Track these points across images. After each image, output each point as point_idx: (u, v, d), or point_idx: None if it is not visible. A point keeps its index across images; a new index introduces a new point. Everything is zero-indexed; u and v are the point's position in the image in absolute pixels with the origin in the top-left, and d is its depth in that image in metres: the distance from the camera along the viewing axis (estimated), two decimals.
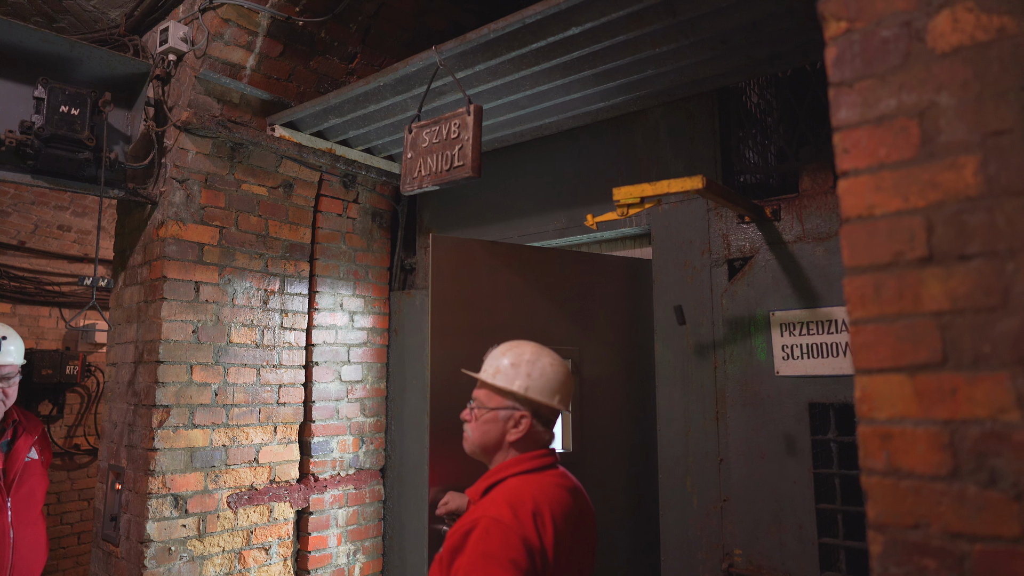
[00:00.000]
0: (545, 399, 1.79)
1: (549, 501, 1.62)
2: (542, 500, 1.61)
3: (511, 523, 1.53)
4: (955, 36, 1.00)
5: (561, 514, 1.63)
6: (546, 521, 1.57)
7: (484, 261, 2.77)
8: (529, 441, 1.79)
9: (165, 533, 3.02)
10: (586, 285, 3.03)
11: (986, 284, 0.95)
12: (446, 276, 2.66)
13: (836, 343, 2.46)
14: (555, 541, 1.57)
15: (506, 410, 1.79)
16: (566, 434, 2.92)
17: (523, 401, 1.79)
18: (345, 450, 3.80)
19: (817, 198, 2.57)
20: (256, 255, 3.47)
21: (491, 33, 2.48)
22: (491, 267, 2.78)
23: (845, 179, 1.09)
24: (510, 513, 1.55)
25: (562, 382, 1.83)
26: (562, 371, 1.84)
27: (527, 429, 1.78)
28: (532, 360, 1.82)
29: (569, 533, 1.63)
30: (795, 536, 2.48)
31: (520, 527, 1.53)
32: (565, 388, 1.84)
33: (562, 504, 1.65)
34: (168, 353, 3.10)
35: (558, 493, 1.68)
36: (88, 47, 2.94)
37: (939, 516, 0.96)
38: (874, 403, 1.03)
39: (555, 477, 1.74)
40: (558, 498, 1.66)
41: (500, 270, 2.79)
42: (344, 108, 3.21)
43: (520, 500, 1.59)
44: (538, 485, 1.67)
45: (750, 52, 2.53)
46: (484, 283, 2.75)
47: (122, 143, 3.21)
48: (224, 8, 3.03)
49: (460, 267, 2.70)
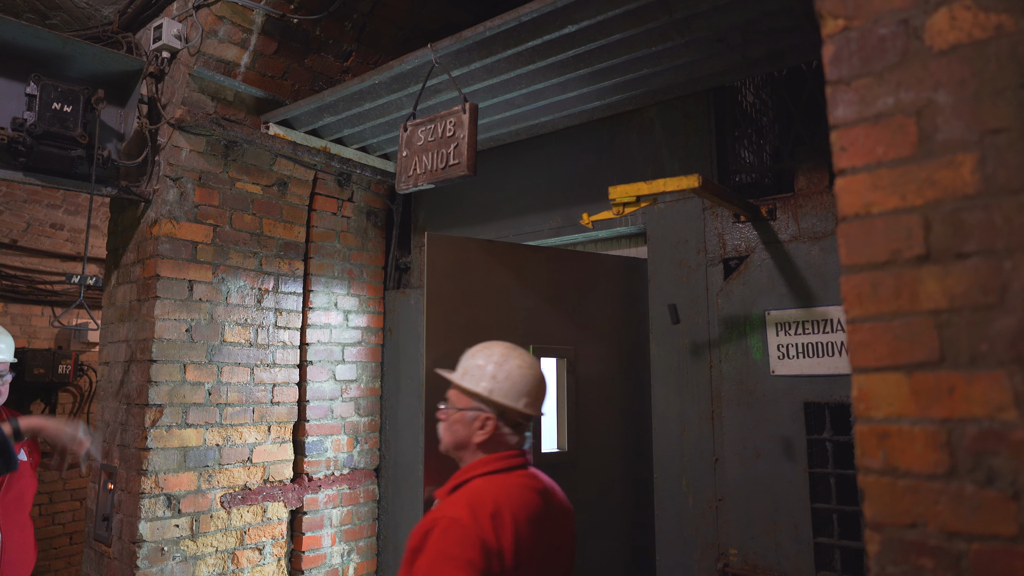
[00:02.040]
0: (510, 402, 1.76)
1: (511, 502, 1.62)
2: (504, 501, 1.61)
3: (469, 524, 1.53)
4: (953, 34, 1.00)
5: (525, 515, 1.62)
6: (506, 522, 1.57)
7: (480, 260, 2.76)
8: (496, 443, 1.77)
9: (158, 533, 3.00)
10: (582, 284, 3.03)
11: (983, 282, 0.95)
12: (442, 275, 2.65)
13: (832, 342, 2.46)
14: (515, 542, 1.56)
15: (473, 411, 1.77)
16: (561, 434, 2.91)
17: (488, 403, 1.77)
18: (339, 450, 3.79)
19: (813, 197, 2.57)
20: (250, 254, 3.45)
21: (487, 31, 2.48)
22: (487, 266, 2.77)
23: (842, 177, 1.09)
24: (468, 514, 1.55)
25: (531, 385, 1.79)
26: (531, 374, 1.81)
27: (492, 431, 1.76)
28: (500, 362, 1.80)
29: (533, 534, 1.62)
30: (791, 536, 2.48)
31: (478, 528, 1.53)
32: (534, 391, 1.80)
33: (527, 505, 1.64)
34: (161, 352, 3.08)
35: (523, 494, 1.67)
36: (81, 44, 2.92)
37: (936, 515, 0.95)
38: (871, 402, 1.03)
39: (522, 478, 1.72)
40: (523, 499, 1.65)
41: (496, 269, 2.79)
42: (339, 106, 3.20)
43: (480, 501, 1.59)
44: (502, 486, 1.66)
45: (746, 51, 2.53)
46: (480, 282, 2.74)
47: (115, 141, 3.19)
48: (218, 5, 3.01)
49: (456, 265, 2.69)
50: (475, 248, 2.75)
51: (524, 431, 1.80)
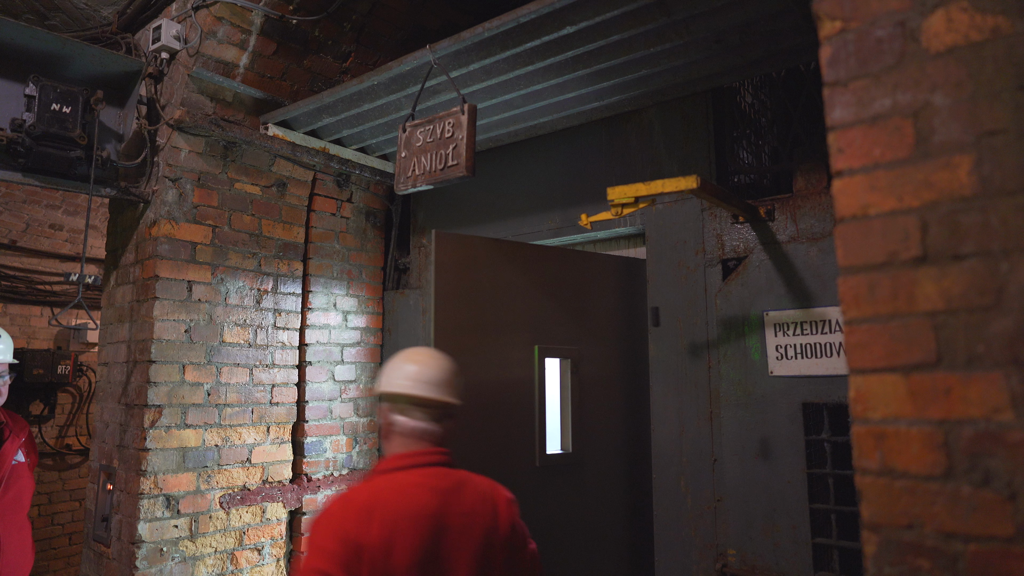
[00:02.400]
0: (394, 388, 1.76)
1: (390, 501, 1.62)
2: (381, 499, 1.62)
3: (336, 517, 1.59)
4: (949, 36, 1.00)
5: (404, 514, 1.61)
6: (375, 519, 1.58)
7: (486, 258, 2.74)
8: (400, 441, 1.76)
9: (157, 534, 3.00)
10: (585, 284, 3.02)
11: (980, 284, 0.95)
12: (450, 272, 2.62)
13: (830, 343, 2.46)
14: (387, 539, 1.57)
15: (381, 412, 1.80)
16: (565, 435, 2.90)
17: (382, 397, 1.79)
18: (339, 450, 3.79)
19: (811, 198, 2.57)
20: (249, 254, 3.45)
21: (485, 32, 2.48)
22: (493, 264, 2.76)
23: (840, 179, 1.09)
24: (339, 508, 1.61)
25: (416, 369, 1.77)
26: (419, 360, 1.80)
27: (388, 424, 1.77)
28: (397, 363, 1.80)
29: (415, 533, 1.60)
30: (789, 536, 2.49)
31: (343, 521, 1.58)
32: (416, 374, 1.76)
33: (409, 505, 1.63)
34: (160, 353, 3.08)
35: (412, 493, 1.65)
36: (80, 45, 2.92)
37: (933, 516, 0.95)
38: (868, 403, 1.03)
39: (419, 477, 1.69)
40: (407, 498, 1.64)
41: (501, 267, 2.77)
42: (338, 107, 3.20)
43: (353, 498, 1.63)
44: (388, 485, 1.67)
45: (744, 52, 2.53)
46: (486, 280, 2.73)
47: (114, 141, 3.19)
48: (217, 6, 3.01)
49: (463, 263, 2.67)
50: (481, 246, 2.74)
51: (428, 420, 1.76)
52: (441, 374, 1.80)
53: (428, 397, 1.76)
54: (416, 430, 1.75)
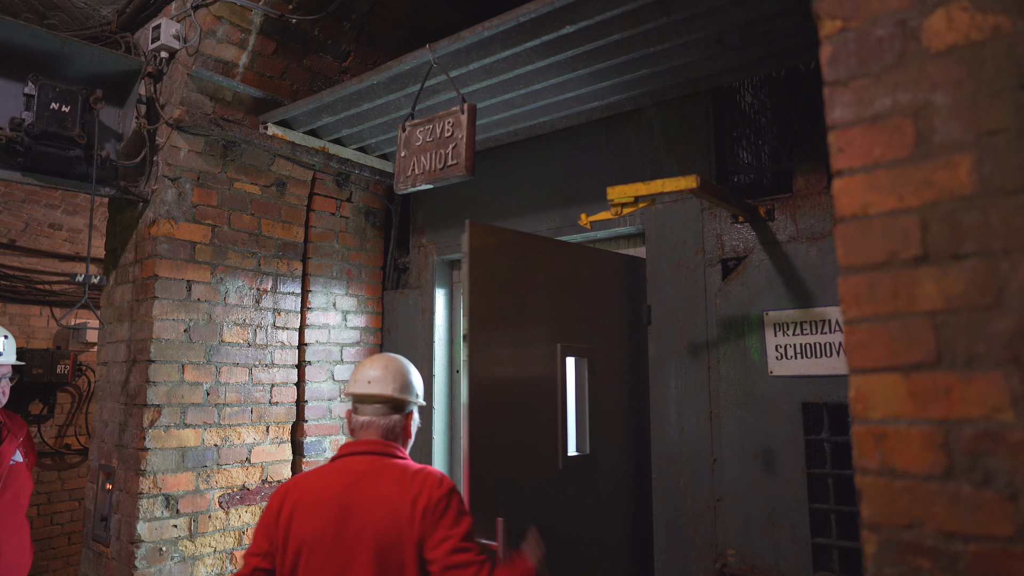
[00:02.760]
0: (348, 389, 2.04)
1: (306, 484, 1.89)
2: (301, 482, 1.90)
3: (271, 497, 1.93)
4: (950, 35, 1.00)
5: (309, 497, 1.85)
6: (288, 500, 1.87)
7: (513, 250, 2.63)
8: (351, 433, 2.03)
9: (156, 533, 3.00)
10: (598, 281, 2.94)
11: (981, 283, 0.95)
12: (483, 261, 2.48)
13: (830, 343, 2.46)
14: (287, 517, 1.84)
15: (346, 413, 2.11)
16: (582, 437, 2.81)
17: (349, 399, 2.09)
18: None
19: (811, 198, 2.57)
20: (249, 254, 3.45)
21: (485, 31, 2.48)
22: (520, 256, 2.65)
23: (840, 178, 1.09)
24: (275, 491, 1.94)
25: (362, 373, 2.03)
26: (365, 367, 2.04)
27: (348, 425, 2.06)
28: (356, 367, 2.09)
29: (312, 512, 1.81)
30: (788, 536, 2.48)
31: (272, 500, 1.91)
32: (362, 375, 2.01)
33: (317, 489, 1.86)
34: (159, 352, 3.08)
35: (326, 478, 1.88)
36: (79, 44, 2.92)
37: (933, 516, 0.95)
38: (868, 403, 1.03)
39: (342, 463, 1.91)
40: (320, 483, 1.88)
41: (527, 260, 2.68)
42: (337, 106, 3.19)
43: (285, 482, 1.95)
44: (315, 471, 1.94)
45: (744, 52, 2.53)
46: (513, 272, 2.61)
47: (113, 141, 3.19)
48: (217, 5, 3.01)
49: (494, 253, 2.55)
50: (509, 237, 2.62)
51: (372, 414, 1.98)
52: (382, 372, 2.00)
53: (366, 393, 1.98)
54: (360, 423, 1.99)
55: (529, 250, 2.71)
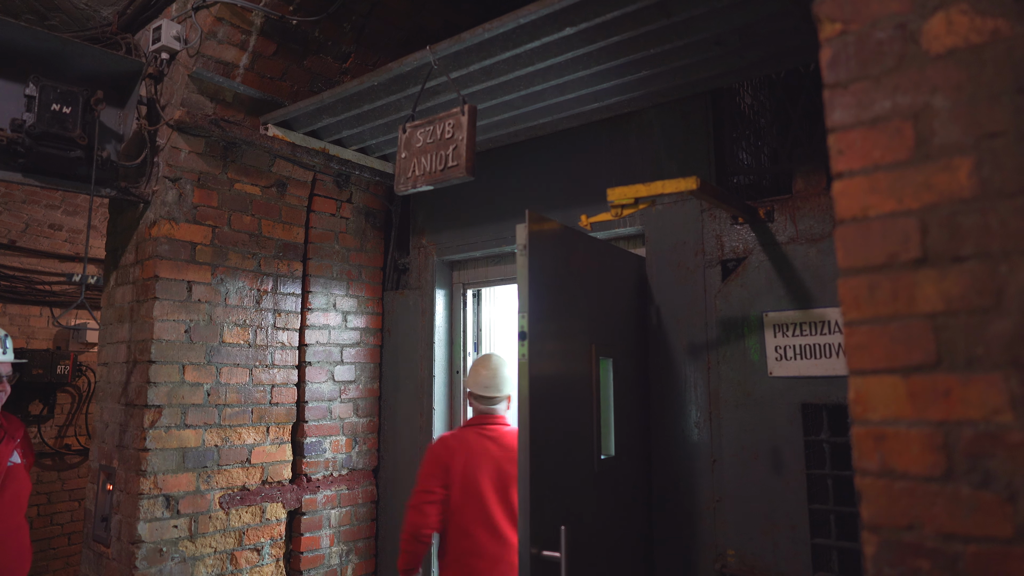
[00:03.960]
0: (468, 387, 3.08)
1: (462, 440, 2.94)
2: (460, 438, 2.96)
3: (437, 449, 2.96)
4: (949, 38, 1.01)
5: (466, 448, 2.91)
6: (452, 447, 2.91)
7: (560, 244, 2.51)
8: (474, 411, 3.07)
9: (156, 534, 3.00)
10: (620, 281, 2.88)
11: (980, 285, 0.95)
12: (539, 252, 2.35)
13: (829, 344, 2.47)
14: (457, 459, 2.88)
15: (467, 396, 3.15)
16: (607, 439, 2.71)
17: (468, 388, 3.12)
18: (338, 450, 3.79)
19: (811, 199, 2.58)
20: (249, 255, 3.45)
21: (485, 33, 2.48)
22: (563, 251, 2.53)
23: (840, 180, 1.09)
24: (440, 444, 2.97)
25: (476, 376, 3.06)
26: (478, 370, 3.07)
27: (471, 403, 3.09)
28: (473, 367, 3.12)
29: (468, 456, 2.88)
30: (788, 536, 2.49)
31: (441, 451, 2.93)
32: (475, 381, 3.05)
33: (470, 442, 2.92)
34: (160, 353, 3.08)
35: (472, 437, 2.94)
36: (80, 45, 2.92)
37: (933, 517, 0.96)
38: (868, 404, 1.03)
39: (478, 429, 2.97)
40: (471, 439, 2.94)
41: (568, 256, 2.56)
42: (338, 107, 3.20)
43: (445, 438, 2.98)
44: (464, 431, 2.99)
45: (744, 53, 2.54)
46: (558, 267, 2.50)
47: (114, 142, 3.19)
48: (217, 7, 3.01)
49: (547, 245, 2.42)
50: (556, 230, 2.49)
51: (486, 404, 3.03)
52: (489, 378, 3.04)
53: (484, 395, 3.03)
54: (481, 406, 3.04)
55: (569, 244, 2.57)
